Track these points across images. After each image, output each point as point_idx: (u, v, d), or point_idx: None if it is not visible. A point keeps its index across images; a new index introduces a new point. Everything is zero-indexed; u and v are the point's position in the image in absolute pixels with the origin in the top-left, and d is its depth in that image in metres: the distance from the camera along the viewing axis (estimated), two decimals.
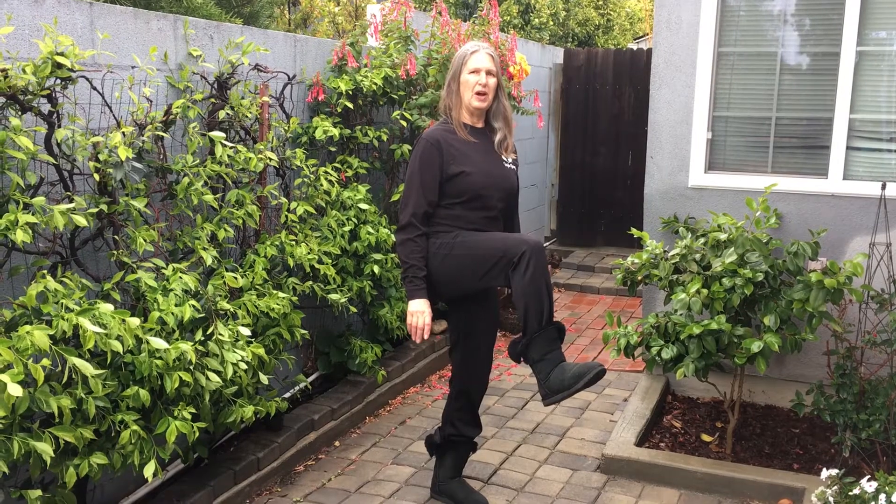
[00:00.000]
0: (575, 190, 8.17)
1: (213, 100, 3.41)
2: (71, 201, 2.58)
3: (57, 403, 2.23)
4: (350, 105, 4.18)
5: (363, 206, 4.02)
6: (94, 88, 2.87)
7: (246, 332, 2.95)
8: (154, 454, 2.59)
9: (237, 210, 3.29)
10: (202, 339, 2.79)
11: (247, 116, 3.43)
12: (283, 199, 3.67)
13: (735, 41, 4.15)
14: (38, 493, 2.30)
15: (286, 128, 3.75)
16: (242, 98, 3.47)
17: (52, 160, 2.61)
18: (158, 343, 2.50)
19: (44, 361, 2.14)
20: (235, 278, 3.06)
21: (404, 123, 4.47)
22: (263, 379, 3.09)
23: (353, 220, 4.00)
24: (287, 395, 3.98)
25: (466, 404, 3.29)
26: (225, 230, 3.23)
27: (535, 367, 2.95)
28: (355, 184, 4.13)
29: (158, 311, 2.67)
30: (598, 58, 7.93)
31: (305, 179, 3.83)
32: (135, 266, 2.79)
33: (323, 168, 3.88)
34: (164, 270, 2.85)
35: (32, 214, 2.34)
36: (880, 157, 3.93)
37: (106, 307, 2.38)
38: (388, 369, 4.51)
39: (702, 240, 3.73)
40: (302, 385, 4.01)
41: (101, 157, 2.67)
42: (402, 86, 4.52)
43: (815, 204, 4.02)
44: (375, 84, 4.22)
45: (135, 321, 2.41)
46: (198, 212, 3.25)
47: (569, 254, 7.98)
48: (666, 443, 3.90)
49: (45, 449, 2.20)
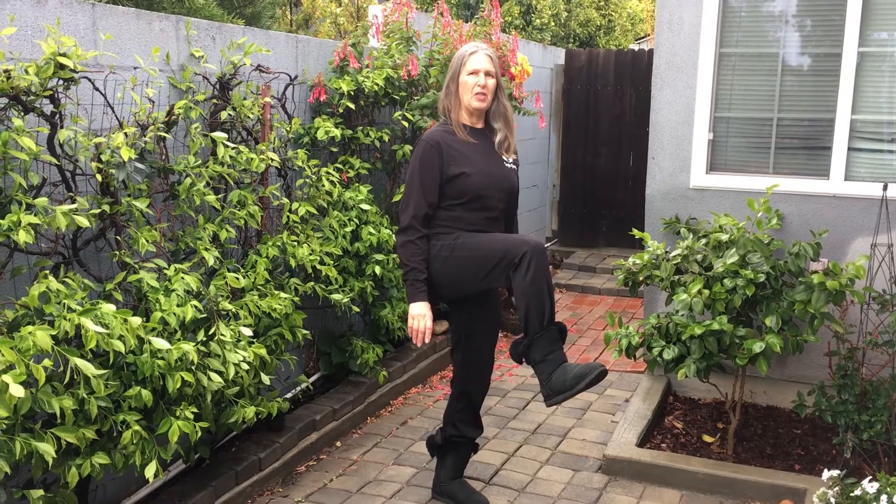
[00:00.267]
0: (576, 191, 8.17)
1: (215, 100, 3.41)
2: (73, 202, 2.58)
3: (59, 404, 2.23)
4: (352, 106, 4.18)
5: (365, 206, 4.02)
6: (97, 89, 2.88)
7: (248, 332, 2.95)
8: (156, 454, 2.59)
9: (239, 211, 3.29)
10: (204, 339, 2.79)
11: (249, 117, 3.44)
12: (285, 200, 3.68)
13: (736, 42, 4.15)
14: (41, 493, 2.31)
15: (288, 128, 3.76)
16: (244, 99, 3.47)
17: (54, 161, 2.62)
18: (160, 343, 2.50)
19: (46, 362, 2.14)
20: (237, 279, 3.06)
21: (406, 124, 4.47)
22: (265, 379, 3.09)
23: (355, 220, 4.01)
24: (289, 395, 3.98)
25: (468, 405, 3.30)
26: (227, 231, 3.23)
27: (537, 368, 2.95)
28: (357, 184, 4.14)
29: (160, 311, 2.67)
30: (599, 58, 7.93)
31: (307, 180, 3.83)
32: (137, 266, 2.79)
33: (325, 169, 3.88)
34: (166, 271, 2.85)
35: (35, 215, 2.35)
36: (882, 158, 3.93)
37: (108, 307, 2.38)
38: (390, 370, 4.51)
39: (703, 240, 3.74)
40: (303, 385, 4.01)
41: (104, 158, 2.67)
42: (403, 86, 4.52)
43: (816, 205, 4.02)
44: (377, 85, 4.22)
45: (137, 321, 2.41)
46: (200, 212, 3.26)
47: (570, 254, 7.98)
48: (667, 443, 3.90)
49: (47, 449, 2.20)
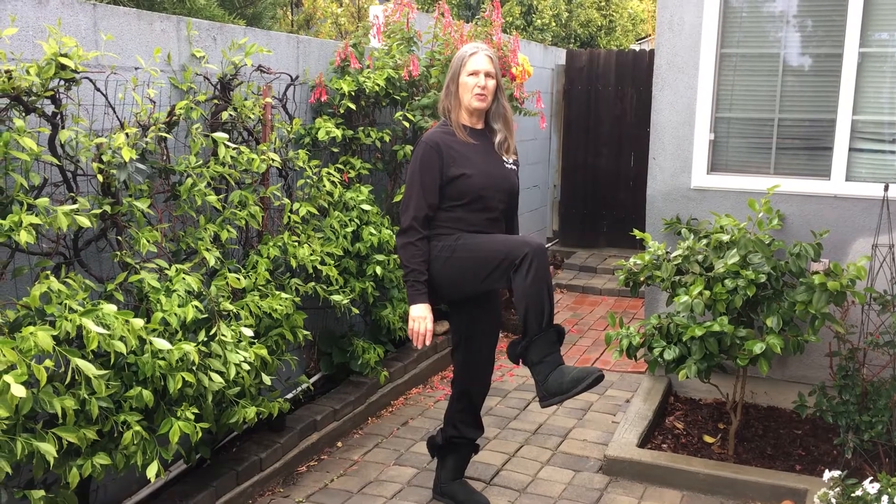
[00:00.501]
0: (577, 191, 8.17)
1: (216, 101, 3.41)
2: (74, 202, 2.58)
3: (60, 404, 2.23)
4: (353, 106, 4.18)
5: (366, 206, 4.02)
6: (98, 90, 2.88)
7: (248, 332, 2.95)
8: (157, 455, 2.59)
9: (240, 211, 3.29)
10: (205, 339, 2.79)
11: (250, 117, 3.44)
12: (286, 200, 3.68)
13: (737, 42, 4.15)
14: (42, 493, 2.31)
15: (289, 129, 3.76)
16: (245, 99, 3.48)
17: (55, 161, 2.62)
18: (161, 344, 2.50)
19: (47, 362, 2.14)
20: (238, 279, 3.06)
21: (407, 124, 4.47)
22: (266, 380, 3.09)
23: (356, 220, 4.01)
24: (289, 395, 3.98)
25: (468, 406, 3.30)
26: (228, 231, 3.23)
27: (534, 370, 2.96)
28: (358, 185, 4.14)
29: (161, 311, 2.67)
30: (600, 59, 7.93)
31: (308, 180, 3.84)
32: (138, 267, 2.80)
33: (326, 169, 3.89)
34: (167, 271, 2.85)
35: (36, 215, 2.35)
36: (883, 159, 3.93)
37: (109, 308, 2.38)
38: (391, 370, 4.51)
39: (704, 241, 3.74)
40: (304, 386, 4.01)
41: (105, 158, 2.67)
42: (404, 87, 4.52)
43: (817, 205, 4.02)
44: (378, 85, 4.22)
45: (138, 322, 2.41)
46: (201, 213, 3.26)
47: (571, 255, 7.98)
48: (668, 444, 3.90)
49: (48, 449, 2.20)
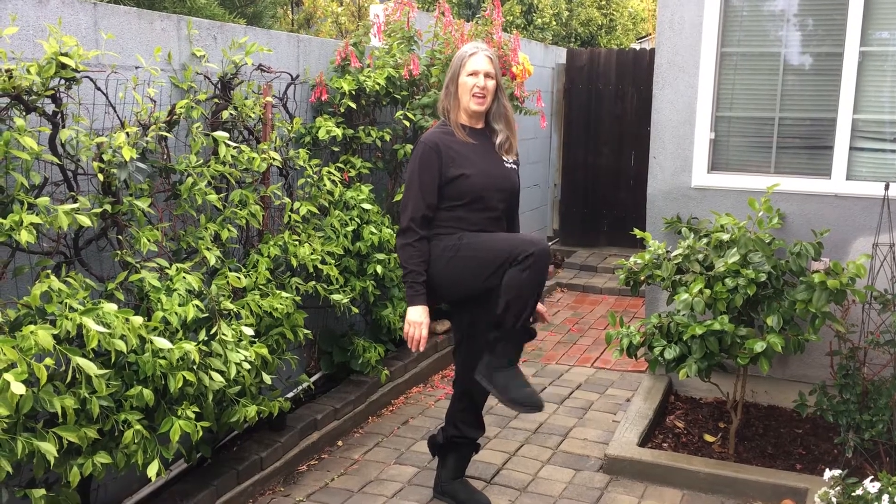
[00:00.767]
0: (577, 190, 8.17)
1: (216, 100, 3.41)
2: (75, 201, 2.59)
3: (61, 403, 2.23)
4: (353, 105, 4.18)
5: (366, 206, 4.02)
6: (98, 89, 2.88)
7: (249, 331, 2.95)
8: (157, 454, 2.59)
9: (240, 210, 3.29)
10: (206, 338, 2.79)
11: (250, 117, 3.44)
12: (287, 199, 3.68)
13: (738, 41, 4.15)
14: (42, 492, 2.31)
15: (289, 128, 3.76)
16: (246, 98, 3.48)
17: (56, 160, 2.62)
18: (162, 343, 2.50)
19: (47, 361, 2.15)
20: (239, 278, 3.06)
21: (407, 123, 4.47)
22: (266, 379, 3.10)
23: (356, 220, 4.00)
24: (290, 394, 3.98)
25: (469, 405, 3.29)
26: (228, 230, 3.23)
27: (490, 357, 3.03)
28: (358, 184, 4.14)
29: (162, 310, 2.67)
30: (600, 58, 7.93)
31: (308, 179, 3.84)
32: (138, 266, 2.80)
33: (326, 168, 3.89)
34: (167, 270, 2.85)
35: (37, 214, 2.35)
36: (884, 158, 3.93)
37: (110, 307, 2.38)
38: (391, 369, 4.51)
39: (704, 240, 3.73)
40: (305, 385, 4.01)
41: (105, 158, 2.67)
42: (405, 86, 4.52)
43: (818, 204, 4.02)
44: (378, 84, 4.22)
45: (138, 321, 2.42)
46: (201, 212, 3.26)
47: (571, 254, 7.98)
48: (669, 443, 3.90)
49: (48, 448, 2.20)
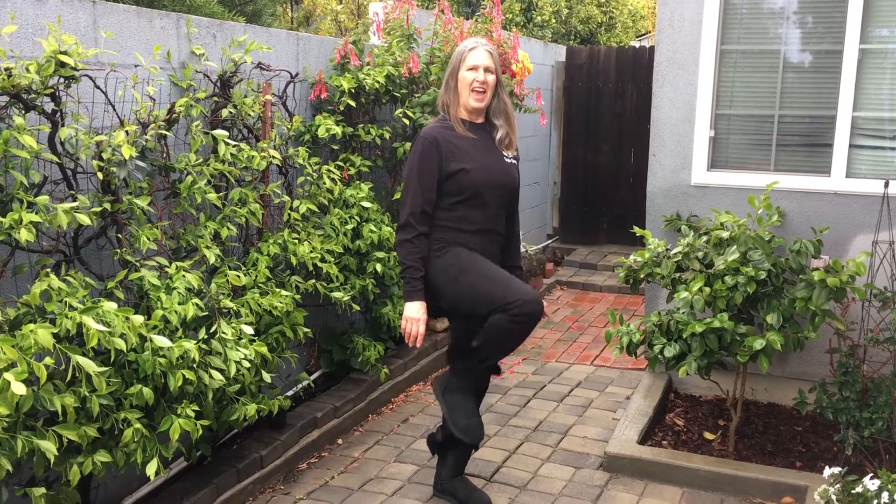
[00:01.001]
0: (577, 188, 8.17)
1: (216, 98, 3.41)
2: (74, 200, 2.58)
3: (60, 402, 2.23)
4: (352, 103, 4.18)
5: (366, 204, 4.02)
6: (98, 87, 2.88)
7: (249, 330, 2.95)
8: (157, 452, 2.59)
9: (240, 208, 3.29)
10: (205, 337, 2.79)
11: (250, 115, 3.44)
12: (286, 198, 3.68)
13: (738, 39, 4.15)
14: (42, 490, 2.31)
15: (289, 126, 3.76)
16: (245, 96, 3.47)
17: (55, 159, 2.62)
18: (162, 341, 2.50)
19: (47, 360, 2.14)
20: (238, 276, 3.06)
21: (407, 121, 4.47)
22: (266, 377, 3.10)
23: (356, 218, 4.00)
24: (290, 393, 3.98)
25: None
26: (228, 228, 3.23)
27: (450, 382, 3.20)
28: (358, 182, 4.14)
29: (162, 309, 2.67)
30: (600, 55, 7.92)
31: (308, 178, 3.83)
32: (138, 264, 2.80)
33: (326, 166, 3.88)
34: (167, 269, 2.85)
35: (36, 213, 2.35)
36: (883, 155, 3.92)
37: (109, 305, 2.38)
38: (391, 367, 4.51)
39: (704, 238, 3.73)
40: (305, 383, 4.01)
41: (105, 156, 2.67)
42: (404, 84, 4.52)
43: (817, 202, 4.02)
44: (378, 82, 4.22)
45: (138, 319, 2.42)
46: (201, 210, 3.25)
47: (571, 251, 7.98)
48: (668, 441, 3.90)
49: (48, 447, 2.20)
